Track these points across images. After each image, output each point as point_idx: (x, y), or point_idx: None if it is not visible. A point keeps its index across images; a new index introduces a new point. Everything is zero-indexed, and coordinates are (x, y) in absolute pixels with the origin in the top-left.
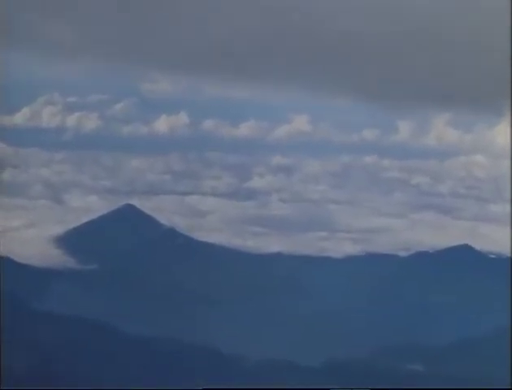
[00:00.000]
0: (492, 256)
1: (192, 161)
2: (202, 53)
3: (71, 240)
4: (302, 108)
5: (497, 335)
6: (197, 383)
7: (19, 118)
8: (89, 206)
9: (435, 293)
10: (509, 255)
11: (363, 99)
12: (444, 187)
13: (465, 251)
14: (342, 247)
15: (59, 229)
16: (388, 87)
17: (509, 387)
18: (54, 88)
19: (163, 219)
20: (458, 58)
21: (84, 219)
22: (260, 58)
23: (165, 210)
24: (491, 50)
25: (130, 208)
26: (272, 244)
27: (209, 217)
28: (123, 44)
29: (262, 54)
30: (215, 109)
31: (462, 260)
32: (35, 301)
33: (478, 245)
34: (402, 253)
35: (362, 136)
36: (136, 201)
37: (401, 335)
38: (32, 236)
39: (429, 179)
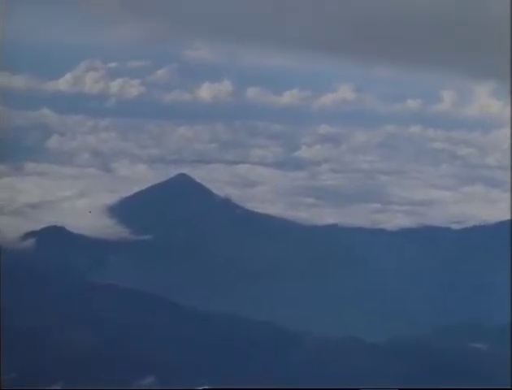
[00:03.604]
0: None
1: (238, 129)
2: (243, 20)
3: (124, 210)
4: (345, 77)
5: None
6: (257, 360)
7: (63, 84)
8: (139, 175)
9: (491, 269)
10: None
11: (405, 68)
12: (490, 159)
13: None
14: (396, 219)
15: (111, 199)
16: (431, 56)
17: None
18: (96, 53)
19: (216, 189)
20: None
21: (136, 189)
22: (301, 26)
23: (216, 180)
24: None
25: (183, 178)
26: (327, 216)
27: (260, 187)
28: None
29: (303, 23)
30: (257, 77)
31: None
32: (90, 271)
33: None
34: (455, 226)
35: (406, 105)
36: (186, 171)
37: (461, 312)
38: (84, 205)
39: (475, 150)
